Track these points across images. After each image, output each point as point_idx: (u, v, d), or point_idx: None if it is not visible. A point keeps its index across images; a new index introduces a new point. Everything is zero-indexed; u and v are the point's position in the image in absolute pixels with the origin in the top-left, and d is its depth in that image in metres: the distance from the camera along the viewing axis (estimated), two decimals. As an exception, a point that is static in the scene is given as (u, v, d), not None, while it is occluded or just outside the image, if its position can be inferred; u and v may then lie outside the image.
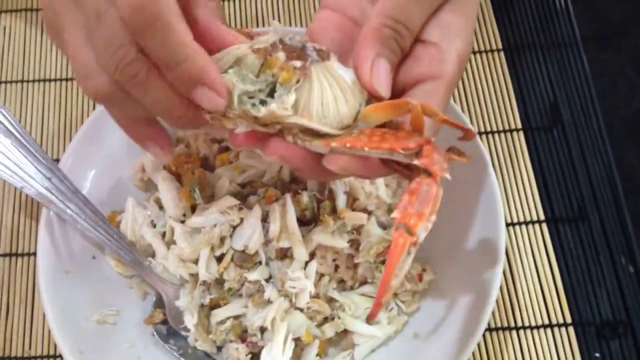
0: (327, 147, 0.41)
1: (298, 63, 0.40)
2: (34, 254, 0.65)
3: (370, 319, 0.56)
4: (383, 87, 0.41)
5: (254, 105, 0.40)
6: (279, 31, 0.42)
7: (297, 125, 0.41)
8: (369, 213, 0.59)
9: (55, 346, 0.61)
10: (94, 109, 0.70)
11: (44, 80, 0.74)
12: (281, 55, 0.40)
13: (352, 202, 0.59)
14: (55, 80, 0.74)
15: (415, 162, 0.38)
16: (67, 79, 0.74)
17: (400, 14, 0.42)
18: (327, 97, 0.40)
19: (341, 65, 0.42)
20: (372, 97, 0.42)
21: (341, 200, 0.58)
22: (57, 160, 0.62)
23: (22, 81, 0.74)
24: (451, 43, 0.43)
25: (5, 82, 0.74)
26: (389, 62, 0.42)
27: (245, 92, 0.41)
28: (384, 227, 0.58)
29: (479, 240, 0.58)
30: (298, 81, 0.40)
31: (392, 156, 0.40)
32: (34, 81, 0.74)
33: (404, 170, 0.41)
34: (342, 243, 0.56)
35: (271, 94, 0.41)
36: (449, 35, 0.43)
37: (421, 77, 0.43)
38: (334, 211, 0.58)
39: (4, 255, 0.66)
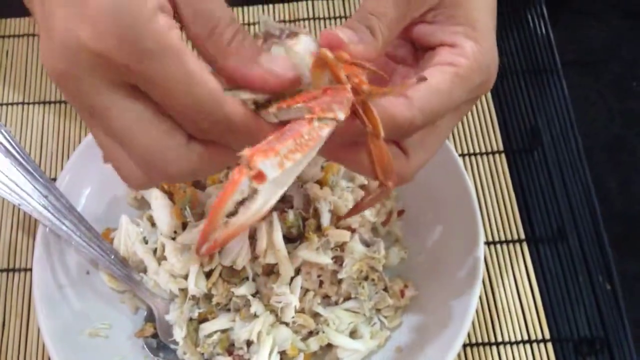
0: (268, 114, 0.39)
1: (259, 42, 0.41)
2: (31, 269, 0.66)
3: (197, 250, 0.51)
4: (328, 36, 0.41)
5: None
6: (267, 23, 0.42)
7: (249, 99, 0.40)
8: (353, 231, 0.61)
9: (50, 359, 0.63)
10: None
11: (44, 103, 0.77)
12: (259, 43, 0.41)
13: (337, 220, 0.61)
14: (55, 102, 0.77)
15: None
16: (66, 102, 0.76)
17: (375, 8, 0.42)
18: None
19: (306, 40, 0.41)
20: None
21: (325, 218, 0.60)
22: (55, 179, 0.65)
23: (23, 103, 0.77)
24: (464, 42, 0.44)
25: (7, 104, 0.77)
26: (351, 30, 0.41)
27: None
28: (367, 244, 0.60)
29: (460, 258, 0.60)
30: None
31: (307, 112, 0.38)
32: (34, 103, 0.77)
33: None
34: (326, 259, 0.58)
35: None
36: (457, 38, 0.44)
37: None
38: (318, 229, 0.60)
39: (2, 270, 0.68)
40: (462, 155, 0.72)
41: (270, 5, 0.81)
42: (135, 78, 0.37)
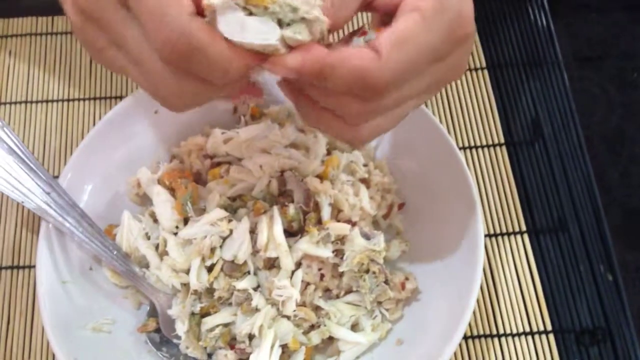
0: None
1: None
2: (35, 266, 0.67)
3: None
4: None
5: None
6: None
7: None
8: (353, 224, 0.61)
9: (54, 356, 0.64)
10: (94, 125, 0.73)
11: (47, 101, 0.77)
12: None
13: (337, 213, 0.61)
14: (57, 101, 0.77)
15: None
16: (68, 100, 0.77)
17: None
18: None
19: None
20: None
21: (326, 212, 0.60)
22: (57, 177, 0.65)
23: (26, 102, 0.77)
24: None
25: (11, 103, 0.77)
26: None
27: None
28: (367, 237, 0.60)
29: (460, 251, 0.60)
30: None
31: None
32: (37, 102, 0.77)
33: None
34: (326, 252, 0.59)
35: None
36: None
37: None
38: (319, 222, 0.60)
39: (6, 267, 0.68)
40: (463, 148, 0.72)
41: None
42: None
